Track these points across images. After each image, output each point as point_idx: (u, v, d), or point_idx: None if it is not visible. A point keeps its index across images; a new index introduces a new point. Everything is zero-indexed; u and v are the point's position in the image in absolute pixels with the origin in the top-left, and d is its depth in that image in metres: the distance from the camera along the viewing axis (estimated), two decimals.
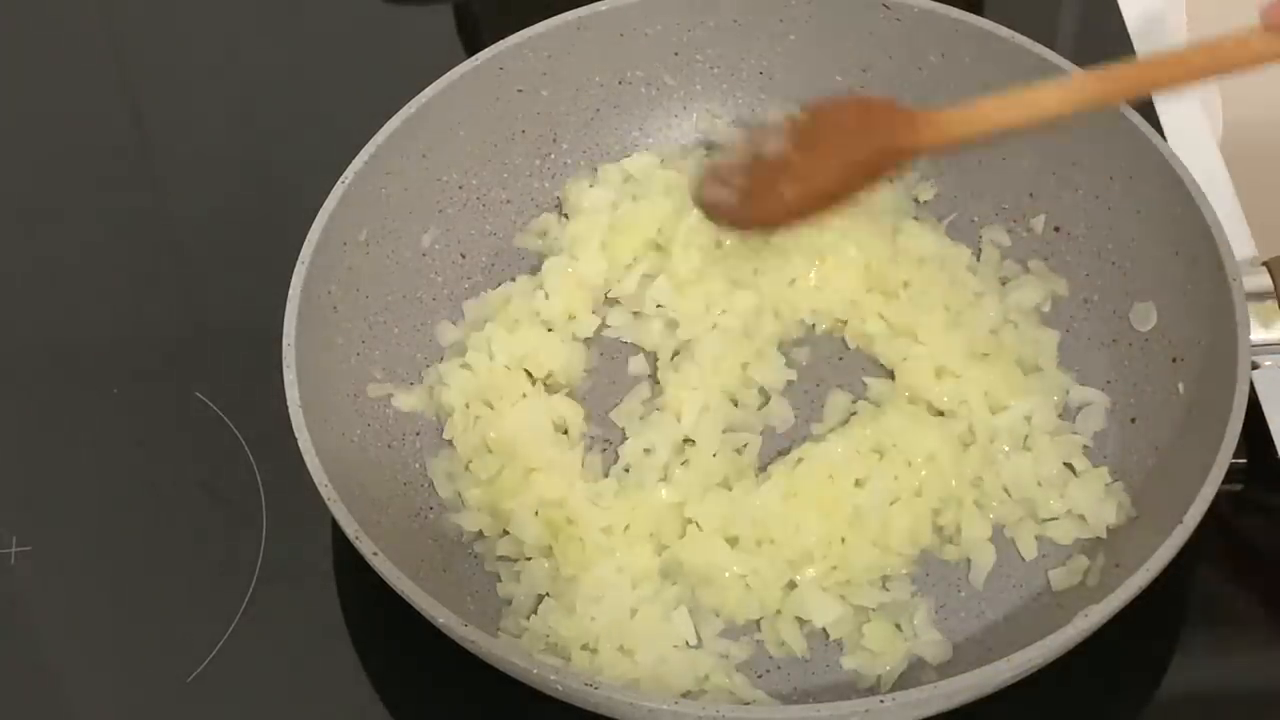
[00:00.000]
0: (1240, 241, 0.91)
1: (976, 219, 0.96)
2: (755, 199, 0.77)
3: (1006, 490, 0.83)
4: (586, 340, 0.91)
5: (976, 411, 0.85)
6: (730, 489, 0.83)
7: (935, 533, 0.82)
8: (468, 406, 0.87)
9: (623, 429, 0.87)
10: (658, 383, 0.89)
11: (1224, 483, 0.73)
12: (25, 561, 0.86)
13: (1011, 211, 0.95)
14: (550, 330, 0.91)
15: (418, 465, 0.87)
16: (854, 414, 0.87)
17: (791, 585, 0.80)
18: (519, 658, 0.70)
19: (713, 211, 0.80)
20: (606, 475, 0.85)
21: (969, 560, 0.82)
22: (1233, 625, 0.82)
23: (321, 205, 0.85)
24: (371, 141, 0.88)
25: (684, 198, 0.91)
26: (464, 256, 0.94)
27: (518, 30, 0.93)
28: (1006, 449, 0.85)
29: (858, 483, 0.82)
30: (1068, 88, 0.75)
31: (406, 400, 0.88)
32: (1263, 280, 0.83)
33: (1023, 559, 0.82)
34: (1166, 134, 0.97)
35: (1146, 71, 0.76)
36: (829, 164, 0.75)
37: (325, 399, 0.82)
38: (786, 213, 0.77)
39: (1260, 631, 0.82)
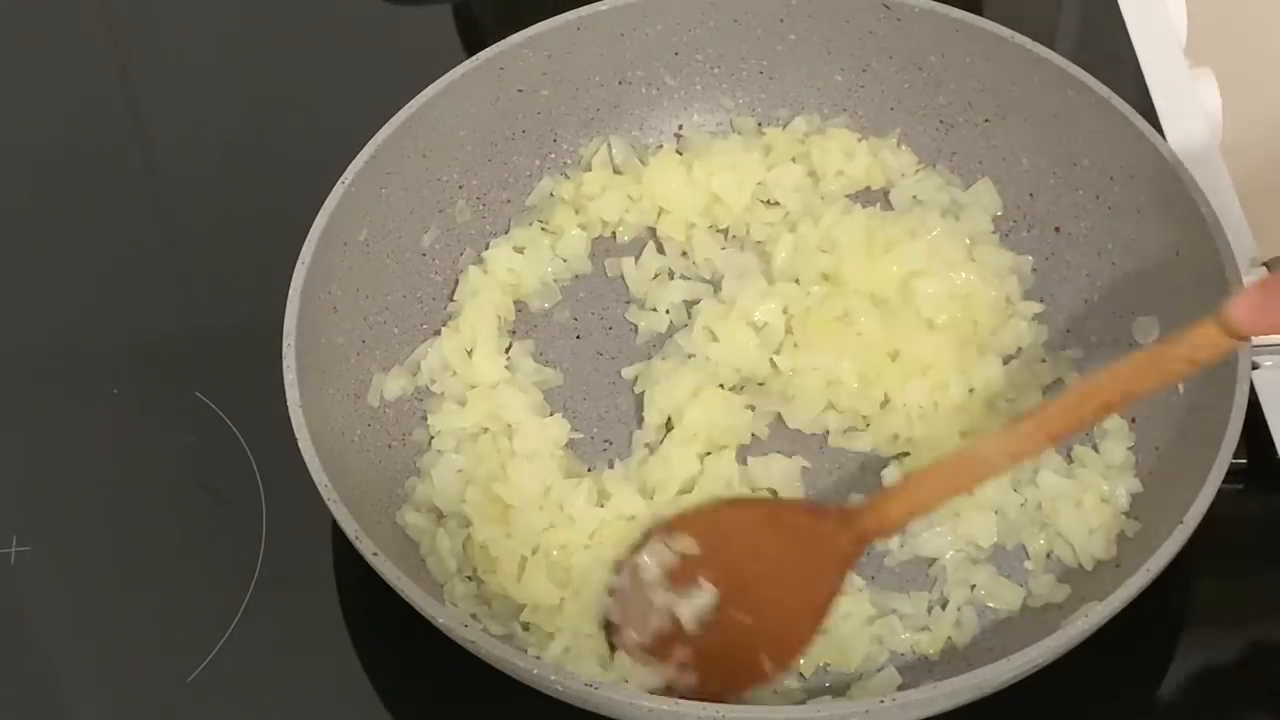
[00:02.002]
0: (1240, 241, 0.91)
1: None
2: (730, 680, 0.73)
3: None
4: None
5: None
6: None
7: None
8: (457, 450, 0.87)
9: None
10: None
11: (1224, 483, 0.73)
12: (25, 561, 0.86)
13: (1011, 211, 0.95)
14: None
15: (418, 465, 0.86)
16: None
17: None
18: (519, 658, 0.70)
19: (614, 639, 0.76)
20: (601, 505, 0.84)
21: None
22: (1233, 625, 0.82)
23: (321, 205, 0.85)
24: (371, 141, 0.88)
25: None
26: (464, 256, 0.94)
27: (518, 30, 0.93)
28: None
29: None
30: (1010, 442, 0.72)
31: (406, 399, 0.88)
32: None
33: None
34: (1166, 134, 0.97)
35: (1086, 401, 0.73)
36: (798, 615, 0.73)
37: (325, 399, 0.82)
38: (772, 678, 0.74)
39: (1260, 631, 0.81)
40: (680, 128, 0.99)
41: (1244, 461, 0.84)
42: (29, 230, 1.03)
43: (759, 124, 0.99)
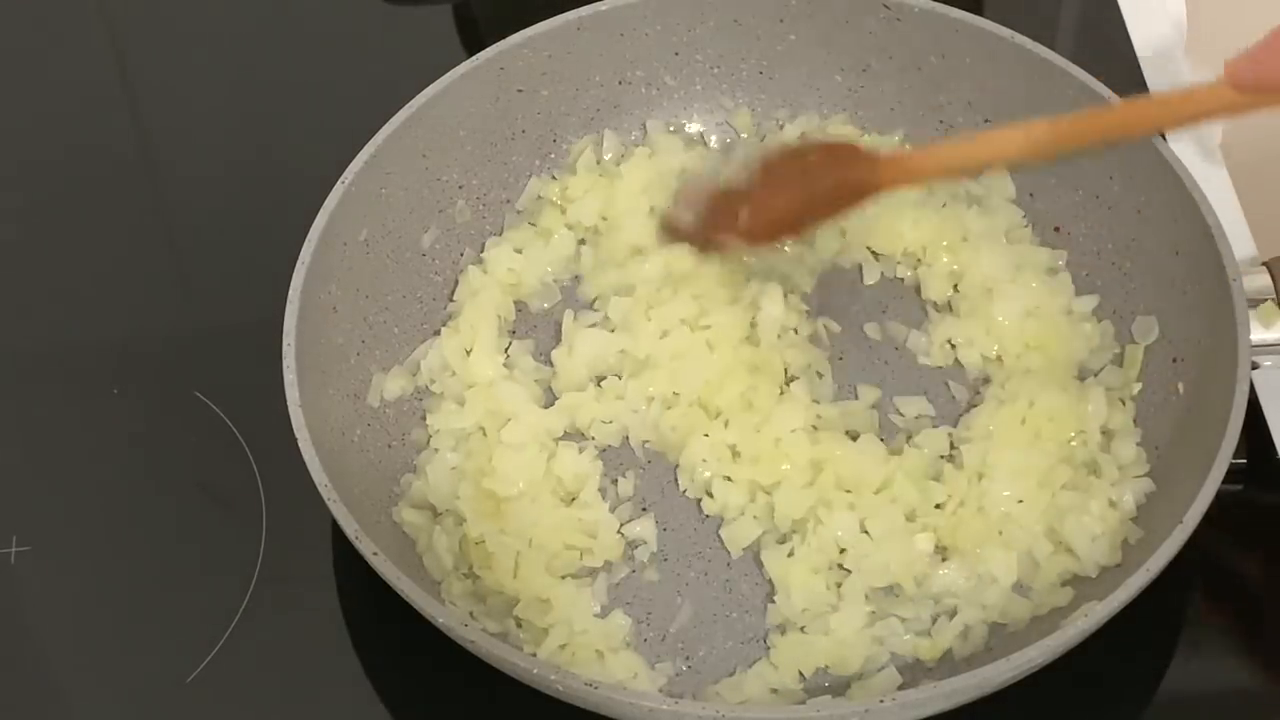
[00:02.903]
0: (1240, 241, 0.91)
1: None
2: (712, 222, 0.79)
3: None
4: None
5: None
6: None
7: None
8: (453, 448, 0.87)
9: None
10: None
11: (1224, 483, 0.73)
12: (25, 561, 0.86)
13: None
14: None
15: (416, 464, 0.86)
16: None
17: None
18: (519, 657, 0.70)
19: (669, 230, 0.81)
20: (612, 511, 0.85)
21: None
22: (1233, 625, 0.82)
23: (321, 205, 0.85)
24: (371, 142, 0.88)
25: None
26: (464, 256, 0.94)
27: (518, 30, 0.93)
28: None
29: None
30: (1028, 133, 0.74)
31: (406, 399, 0.88)
32: (1263, 280, 0.83)
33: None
34: (1166, 134, 0.97)
35: (1107, 119, 0.76)
36: (787, 196, 0.77)
37: (325, 399, 0.82)
38: (739, 236, 0.78)
39: (1260, 632, 0.82)
40: (680, 127, 0.99)
41: (1244, 461, 0.84)
42: (29, 230, 1.03)
43: (758, 124, 0.99)
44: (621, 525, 0.84)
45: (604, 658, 0.79)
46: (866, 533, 0.81)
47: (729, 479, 0.84)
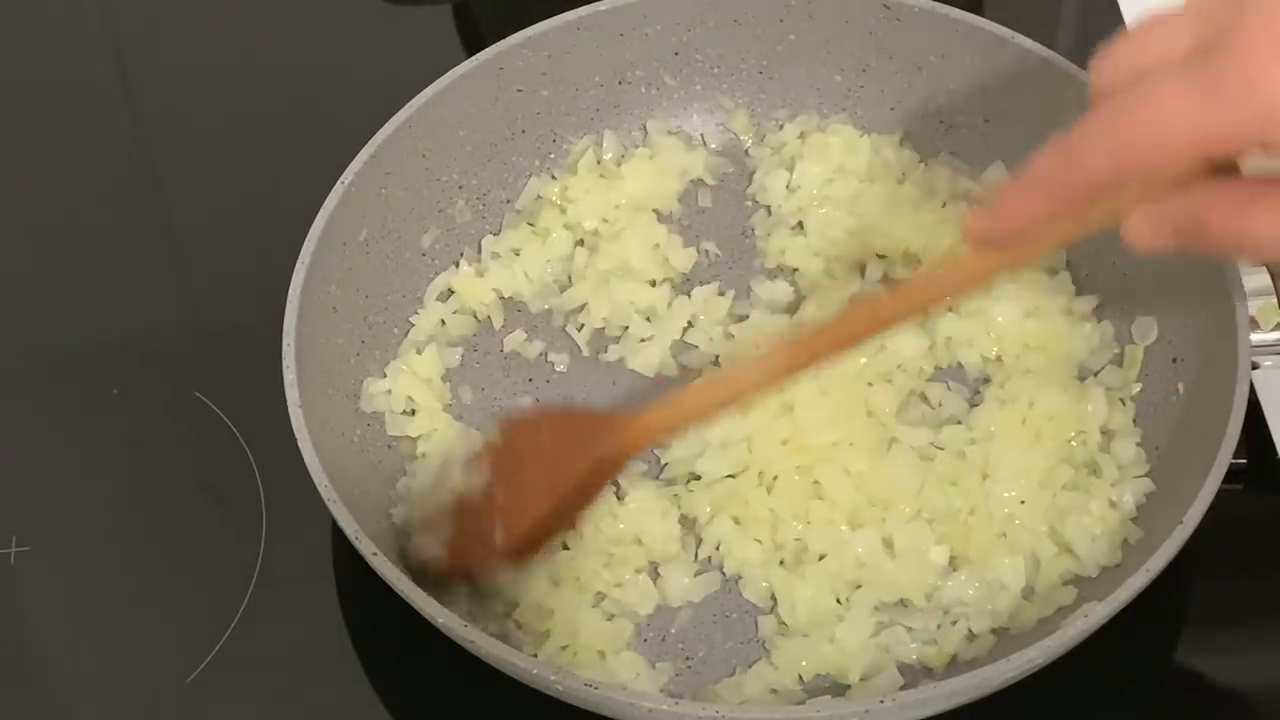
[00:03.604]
0: None
1: None
2: (466, 549, 0.74)
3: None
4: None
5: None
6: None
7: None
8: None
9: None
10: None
11: (1224, 483, 0.73)
12: (25, 561, 0.86)
13: None
14: None
15: (408, 469, 0.86)
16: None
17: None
18: (519, 658, 0.70)
19: (424, 569, 0.75)
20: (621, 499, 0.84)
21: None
22: (1233, 625, 0.82)
23: (321, 205, 0.85)
24: (371, 142, 0.88)
25: None
26: (464, 256, 0.94)
27: (518, 30, 0.93)
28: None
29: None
30: (767, 362, 0.70)
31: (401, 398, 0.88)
32: (1263, 280, 0.83)
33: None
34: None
35: (851, 326, 0.70)
36: (538, 494, 0.72)
37: (325, 399, 0.82)
38: (504, 557, 0.73)
39: (1260, 631, 0.82)
40: (680, 128, 0.99)
41: (1244, 461, 0.83)
42: (30, 231, 1.03)
43: (758, 124, 0.99)
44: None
45: (605, 658, 0.79)
46: (890, 547, 0.81)
47: (756, 539, 0.82)
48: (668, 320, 0.91)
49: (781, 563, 0.81)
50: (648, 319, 0.91)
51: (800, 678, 0.78)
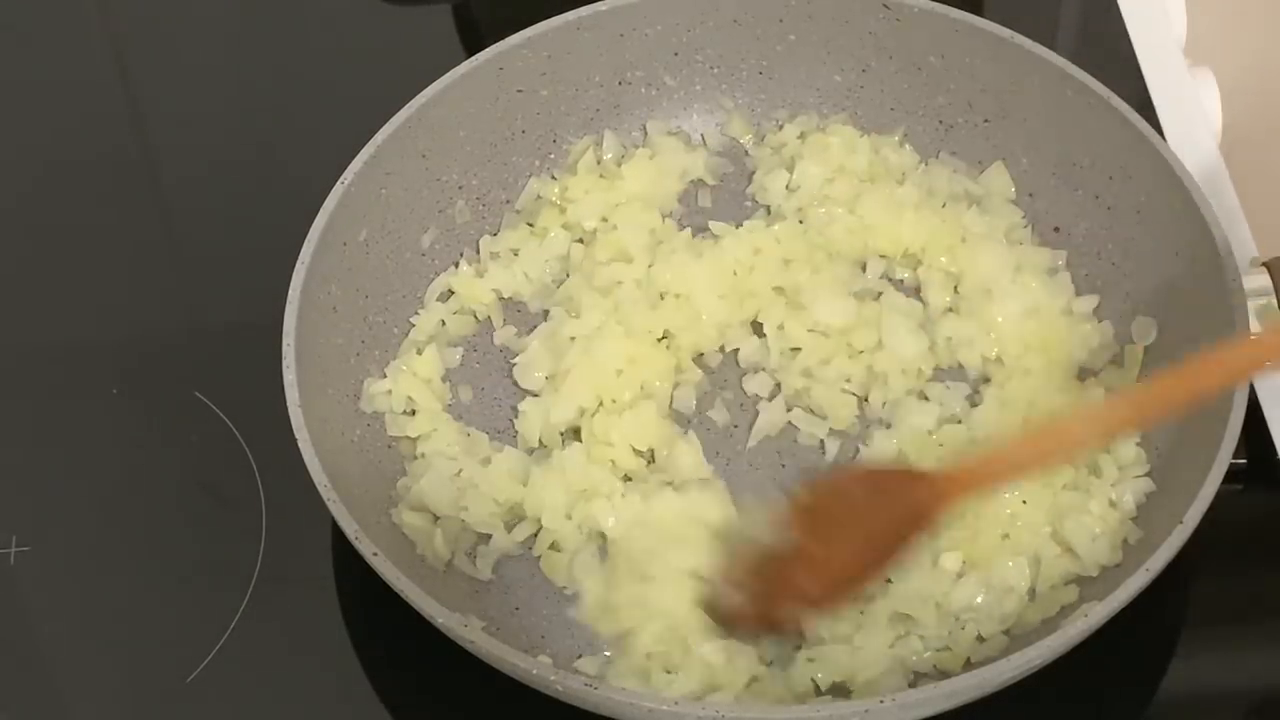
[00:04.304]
0: (1240, 241, 0.91)
1: None
2: (774, 599, 0.69)
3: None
4: None
5: None
6: None
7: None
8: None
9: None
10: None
11: (1224, 483, 0.73)
12: (25, 561, 0.86)
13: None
14: None
15: (409, 470, 0.86)
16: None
17: None
18: (519, 658, 0.70)
19: (730, 621, 0.71)
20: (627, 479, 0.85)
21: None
22: (1233, 625, 0.82)
23: (321, 205, 0.85)
24: (371, 142, 0.88)
25: None
26: (464, 257, 0.94)
27: (518, 30, 0.93)
28: None
29: None
30: (1093, 423, 0.72)
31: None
32: (1263, 280, 0.83)
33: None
34: (1166, 134, 0.97)
35: (1175, 388, 0.72)
36: (845, 544, 0.70)
37: (325, 399, 0.82)
38: (806, 604, 0.70)
39: (1260, 631, 0.82)
40: (680, 128, 0.99)
41: (1244, 461, 0.84)
42: (29, 230, 1.03)
43: (758, 124, 0.99)
44: None
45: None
46: None
47: None
48: None
49: None
50: None
51: (816, 688, 0.77)
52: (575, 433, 0.86)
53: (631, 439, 0.85)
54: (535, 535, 0.83)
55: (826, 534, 0.69)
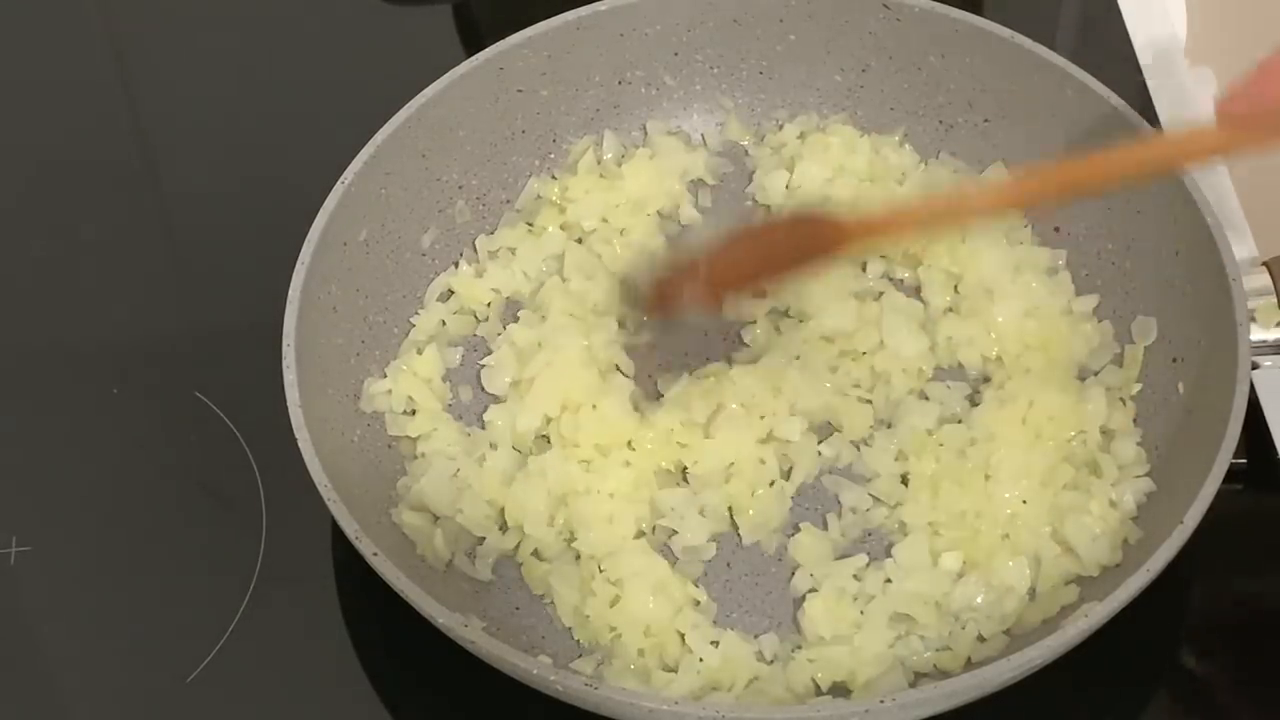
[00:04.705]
0: (1240, 241, 0.91)
1: None
2: (670, 281, 0.79)
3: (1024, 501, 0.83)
4: None
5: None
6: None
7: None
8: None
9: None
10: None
11: (1224, 483, 0.73)
12: (25, 561, 0.86)
13: None
14: None
15: (409, 470, 0.86)
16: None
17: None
18: (519, 658, 0.70)
19: (627, 293, 0.81)
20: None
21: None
22: (1233, 625, 0.82)
23: (321, 205, 0.85)
24: (371, 141, 0.88)
25: None
26: (464, 256, 0.94)
27: (518, 30, 0.93)
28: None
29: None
30: (1001, 190, 0.75)
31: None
32: (1263, 280, 0.83)
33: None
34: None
35: (1087, 169, 0.75)
36: (745, 250, 0.79)
37: (325, 399, 0.82)
38: (697, 290, 0.78)
39: (1260, 631, 0.81)
40: (680, 128, 0.99)
41: (1244, 461, 0.84)
42: (29, 231, 1.03)
43: (758, 124, 0.99)
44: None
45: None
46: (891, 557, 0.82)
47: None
48: None
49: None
50: None
51: (817, 688, 0.78)
52: (548, 438, 0.86)
53: (597, 437, 0.85)
54: (519, 543, 0.83)
55: (735, 242, 0.79)
